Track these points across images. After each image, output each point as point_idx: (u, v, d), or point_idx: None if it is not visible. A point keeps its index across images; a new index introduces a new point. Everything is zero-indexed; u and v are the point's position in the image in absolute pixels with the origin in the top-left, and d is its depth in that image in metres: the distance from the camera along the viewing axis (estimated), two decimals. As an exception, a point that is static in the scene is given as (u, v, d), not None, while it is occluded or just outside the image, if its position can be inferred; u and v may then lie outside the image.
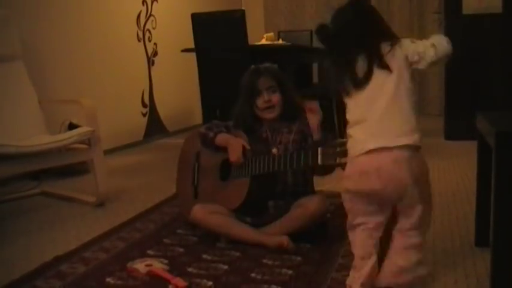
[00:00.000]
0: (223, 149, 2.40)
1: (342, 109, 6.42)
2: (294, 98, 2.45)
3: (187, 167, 2.61)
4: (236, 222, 2.30)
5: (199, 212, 2.32)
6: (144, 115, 5.49)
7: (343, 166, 1.94)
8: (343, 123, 6.32)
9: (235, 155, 2.33)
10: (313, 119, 2.28)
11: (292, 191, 2.34)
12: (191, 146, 2.63)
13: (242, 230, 2.27)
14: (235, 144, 2.36)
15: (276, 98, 2.39)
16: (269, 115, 2.41)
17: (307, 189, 2.40)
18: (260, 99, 2.40)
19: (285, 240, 2.15)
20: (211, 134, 2.45)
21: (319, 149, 2.05)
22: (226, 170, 2.45)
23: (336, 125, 5.15)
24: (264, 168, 2.26)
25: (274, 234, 2.23)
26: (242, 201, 2.31)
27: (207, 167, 2.53)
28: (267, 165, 2.25)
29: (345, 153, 1.93)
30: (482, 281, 1.86)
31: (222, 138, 2.42)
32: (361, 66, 1.66)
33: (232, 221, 2.30)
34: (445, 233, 2.37)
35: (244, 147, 2.34)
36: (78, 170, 3.80)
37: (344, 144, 1.94)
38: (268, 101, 2.39)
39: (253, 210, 2.34)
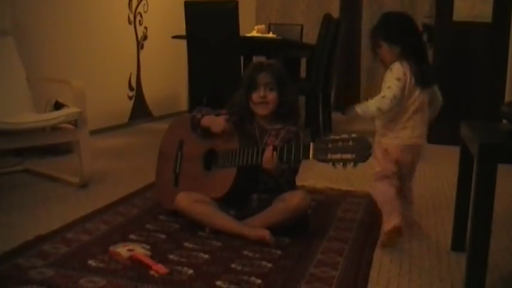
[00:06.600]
0: (209, 135, 2.44)
1: (326, 105, 6.38)
2: (291, 100, 2.48)
3: (169, 154, 2.63)
4: (219, 212, 2.32)
5: (184, 199, 2.35)
6: (130, 98, 5.49)
7: (333, 162, 1.97)
8: (328, 118, 6.27)
9: (220, 125, 2.39)
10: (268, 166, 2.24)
11: (276, 186, 2.36)
12: (174, 134, 2.65)
13: (225, 221, 2.29)
14: (217, 119, 2.41)
15: (271, 96, 2.42)
16: (261, 111, 2.44)
17: (291, 185, 2.43)
18: (256, 93, 2.42)
19: (266, 234, 2.18)
20: (199, 115, 2.48)
21: (311, 144, 2.08)
22: (210, 160, 2.48)
23: (320, 120, 5.19)
24: (252, 160, 2.27)
25: (255, 227, 2.26)
26: (227, 191, 2.33)
27: (191, 156, 2.54)
28: (256, 157, 2.26)
29: (335, 150, 1.96)
30: (456, 285, 1.92)
31: (206, 119, 2.45)
32: None
33: (216, 210, 2.32)
34: (422, 236, 2.42)
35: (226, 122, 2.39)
36: (61, 149, 3.80)
37: (336, 141, 1.97)
38: (264, 97, 2.41)
39: (236, 202, 2.37)
